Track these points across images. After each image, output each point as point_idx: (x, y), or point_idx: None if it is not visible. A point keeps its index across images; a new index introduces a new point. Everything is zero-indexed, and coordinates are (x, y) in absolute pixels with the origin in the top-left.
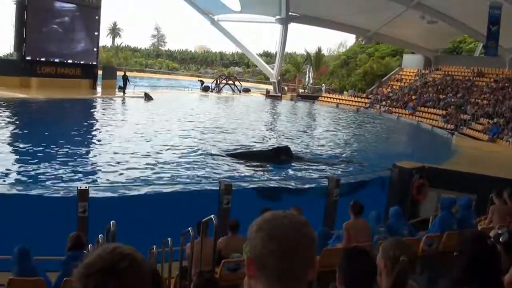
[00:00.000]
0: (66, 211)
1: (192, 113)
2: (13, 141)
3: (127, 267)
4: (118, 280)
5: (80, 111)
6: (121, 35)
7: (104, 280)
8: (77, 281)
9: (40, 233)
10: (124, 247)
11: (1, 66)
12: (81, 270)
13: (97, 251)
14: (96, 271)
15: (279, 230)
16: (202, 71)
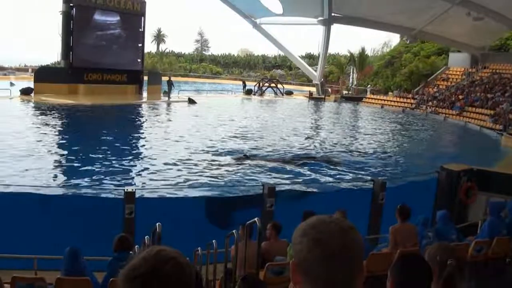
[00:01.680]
0: (114, 213)
1: (234, 116)
2: (62, 146)
3: (171, 271)
4: (161, 283)
5: (126, 116)
6: (165, 41)
7: (148, 283)
8: (122, 283)
9: (89, 234)
10: (168, 250)
11: (50, 74)
12: (126, 273)
13: (142, 254)
14: (140, 274)
15: (325, 235)
16: (245, 74)
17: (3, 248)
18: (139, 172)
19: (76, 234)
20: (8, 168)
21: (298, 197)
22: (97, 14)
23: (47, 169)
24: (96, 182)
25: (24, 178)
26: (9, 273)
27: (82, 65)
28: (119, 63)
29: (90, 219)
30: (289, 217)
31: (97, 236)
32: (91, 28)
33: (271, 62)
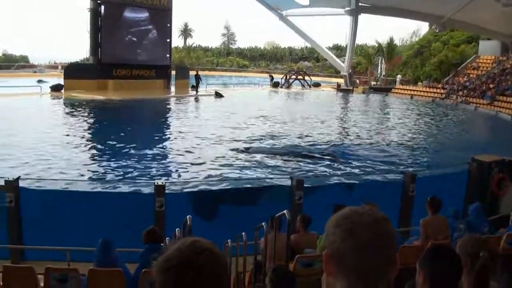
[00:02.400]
0: (145, 206)
1: (260, 109)
2: (92, 140)
3: (205, 261)
4: (195, 273)
5: (155, 111)
6: (192, 36)
7: (182, 274)
8: (157, 274)
9: (122, 226)
10: (202, 241)
11: (79, 70)
12: (161, 264)
13: (176, 245)
14: (175, 264)
15: (357, 225)
16: (271, 67)
17: (37, 241)
18: (169, 165)
19: (108, 226)
20: (41, 163)
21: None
22: (125, 10)
23: (79, 163)
24: (127, 175)
25: (56, 173)
26: (42, 264)
27: (111, 61)
28: (147, 58)
29: (123, 211)
30: (318, 210)
31: (129, 229)
32: (119, 24)
33: (298, 54)
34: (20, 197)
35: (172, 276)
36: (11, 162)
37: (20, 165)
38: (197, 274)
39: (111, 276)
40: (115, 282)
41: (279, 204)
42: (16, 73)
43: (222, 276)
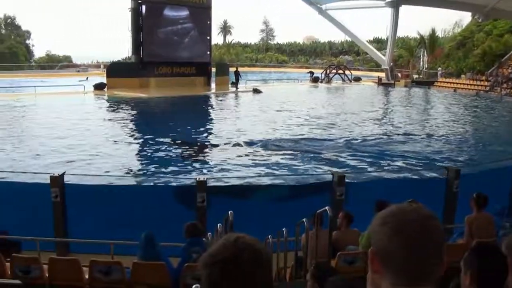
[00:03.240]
0: (186, 201)
1: (300, 104)
2: (135, 136)
3: (249, 257)
4: (240, 269)
5: (196, 107)
6: (231, 32)
7: (227, 270)
8: (202, 269)
9: (165, 220)
10: (247, 237)
11: (121, 69)
12: (206, 259)
13: (221, 241)
14: (220, 260)
15: (405, 224)
16: (311, 62)
17: (81, 233)
18: (209, 160)
19: (151, 220)
20: (85, 159)
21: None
22: (165, 9)
23: (122, 158)
24: (169, 171)
25: (100, 168)
26: (86, 257)
27: (152, 59)
28: (188, 56)
29: (165, 206)
30: (362, 206)
31: (172, 223)
32: (160, 23)
33: (338, 48)
34: (65, 192)
35: (217, 271)
36: (56, 158)
37: (65, 161)
38: (241, 270)
39: (154, 269)
40: (159, 275)
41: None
42: (59, 72)
43: (265, 272)
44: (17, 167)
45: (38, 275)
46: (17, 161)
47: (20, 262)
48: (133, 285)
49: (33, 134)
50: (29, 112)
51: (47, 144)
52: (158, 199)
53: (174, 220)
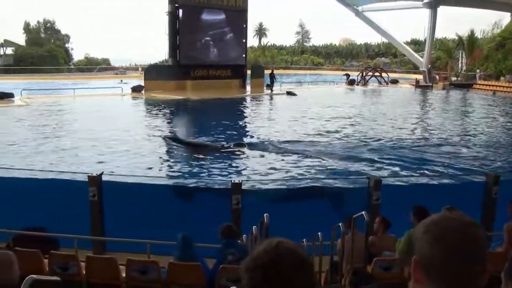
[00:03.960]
0: (222, 203)
1: (335, 107)
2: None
3: (291, 262)
4: (281, 274)
5: (231, 109)
6: (267, 35)
7: (269, 274)
8: (244, 273)
9: (201, 222)
10: (288, 242)
11: (159, 71)
12: (248, 263)
13: (263, 245)
14: (261, 264)
15: (447, 231)
16: (347, 64)
17: (119, 232)
18: (243, 162)
19: (187, 222)
20: (124, 158)
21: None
22: (202, 12)
23: (157, 158)
24: (203, 173)
25: (138, 168)
26: (122, 255)
27: (189, 62)
28: (223, 58)
29: (201, 207)
30: (397, 210)
31: (207, 225)
32: (196, 26)
33: (375, 50)
34: (102, 191)
35: (258, 276)
36: (95, 157)
37: (103, 160)
38: (281, 275)
39: (190, 270)
40: (194, 276)
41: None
42: (98, 75)
43: (307, 277)
44: (57, 166)
45: (76, 272)
46: (57, 160)
47: (58, 259)
48: (169, 285)
49: (72, 134)
50: (68, 113)
51: (86, 144)
52: (193, 200)
53: (210, 221)
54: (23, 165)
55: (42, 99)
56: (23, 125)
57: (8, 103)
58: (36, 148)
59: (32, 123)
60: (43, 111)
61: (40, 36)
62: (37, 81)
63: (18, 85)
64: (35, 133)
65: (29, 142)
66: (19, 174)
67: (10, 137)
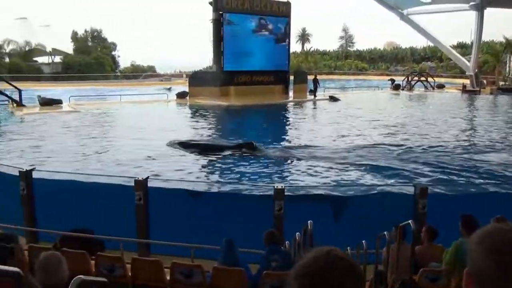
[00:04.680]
0: (265, 208)
1: (379, 112)
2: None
3: (341, 270)
4: (331, 282)
5: (273, 115)
6: (310, 40)
7: (317, 282)
8: (293, 280)
9: (245, 227)
10: (338, 250)
11: (202, 78)
12: (297, 270)
13: (312, 253)
14: (310, 272)
15: (501, 244)
16: (392, 69)
17: (164, 236)
18: (286, 169)
19: (232, 227)
20: (169, 163)
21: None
22: (245, 19)
23: (202, 164)
24: (247, 178)
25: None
26: (165, 258)
27: (232, 68)
28: (266, 64)
29: (244, 213)
30: (443, 219)
31: (251, 230)
32: (240, 33)
33: (420, 54)
34: (148, 195)
35: (308, 283)
36: (141, 162)
37: (149, 165)
38: (331, 283)
39: (233, 275)
40: (238, 281)
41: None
42: (143, 82)
43: (357, 285)
44: (104, 170)
45: (122, 274)
46: (104, 164)
47: (105, 261)
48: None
49: (119, 139)
50: (115, 119)
51: (133, 149)
52: (237, 206)
53: (254, 227)
54: (71, 168)
55: (90, 105)
56: (71, 130)
57: (57, 109)
58: (83, 152)
59: (79, 128)
60: (90, 117)
61: (87, 44)
62: (85, 88)
63: (66, 92)
64: (83, 138)
65: (77, 146)
66: (67, 177)
67: (59, 141)
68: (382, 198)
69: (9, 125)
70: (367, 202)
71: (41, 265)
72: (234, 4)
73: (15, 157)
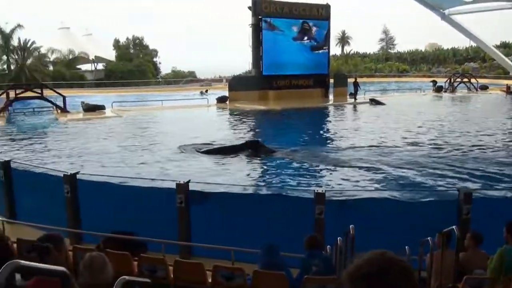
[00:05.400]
0: (306, 212)
1: (420, 115)
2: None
3: (397, 273)
4: (387, 284)
5: (313, 119)
6: (349, 43)
7: (376, 283)
8: (348, 282)
9: (284, 230)
10: (392, 253)
11: (242, 83)
12: (352, 272)
13: (366, 255)
14: (368, 273)
15: None
16: (434, 70)
17: (205, 239)
18: (326, 173)
19: (271, 230)
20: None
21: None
22: (285, 23)
23: (243, 167)
24: (287, 182)
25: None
26: (205, 260)
27: (271, 72)
28: (306, 68)
29: (285, 216)
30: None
31: (291, 234)
32: (279, 37)
33: (463, 55)
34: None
35: (363, 285)
36: (184, 167)
37: (193, 169)
38: (387, 284)
39: (274, 279)
40: (278, 285)
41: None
42: (184, 87)
43: (411, 287)
44: (145, 173)
45: (164, 275)
46: (147, 167)
47: (147, 262)
48: None
49: (161, 143)
50: (157, 123)
51: (175, 152)
52: (278, 209)
53: (294, 231)
54: (113, 172)
55: (132, 110)
56: (113, 135)
57: (100, 115)
58: (126, 156)
59: (121, 133)
60: (132, 122)
61: (129, 51)
62: (127, 94)
63: (108, 98)
64: (125, 142)
65: (119, 150)
66: (109, 180)
67: (102, 146)
68: (425, 203)
69: (54, 130)
70: (409, 207)
71: (87, 265)
72: (273, 8)
73: (60, 161)
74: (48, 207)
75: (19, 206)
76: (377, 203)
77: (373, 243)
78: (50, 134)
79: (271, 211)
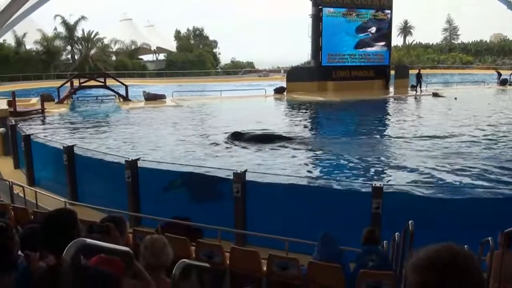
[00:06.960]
0: (363, 206)
1: (484, 110)
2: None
3: (465, 264)
4: (457, 275)
5: (374, 111)
6: (412, 33)
7: (443, 275)
8: (415, 273)
9: (342, 223)
10: (457, 245)
11: (300, 73)
12: (419, 263)
13: (434, 247)
14: (435, 265)
15: None
16: (499, 62)
17: (261, 228)
18: (386, 166)
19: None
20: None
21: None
22: (345, 13)
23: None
24: (346, 175)
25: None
26: (260, 249)
27: (331, 63)
28: (366, 59)
29: (342, 210)
30: None
31: (348, 228)
32: (339, 27)
33: None
34: (246, 189)
35: (433, 276)
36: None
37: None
38: (458, 276)
39: (330, 271)
40: (334, 277)
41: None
42: (243, 77)
43: (478, 278)
44: (205, 161)
45: (220, 261)
46: (205, 156)
47: (205, 248)
48: (309, 283)
49: (218, 132)
50: (216, 113)
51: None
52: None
53: (350, 224)
54: (172, 158)
55: (192, 100)
56: (173, 123)
57: (161, 104)
58: (185, 144)
59: (181, 122)
60: (192, 111)
61: (189, 42)
62: (187, 84)
63: (169, 87)
64: (184, 131)
65: (178, 138)
66: (169, 168)
67: (162, 133)
68: (485, 200)
69: (116, 118)
70: (468, 205)
71: (149, 246)
72: None
73: (122, 148)
74: (109, 191)
75: (80, 190)
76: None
77: (429, 241)
78: (113, 122)
79: (323, 204)
